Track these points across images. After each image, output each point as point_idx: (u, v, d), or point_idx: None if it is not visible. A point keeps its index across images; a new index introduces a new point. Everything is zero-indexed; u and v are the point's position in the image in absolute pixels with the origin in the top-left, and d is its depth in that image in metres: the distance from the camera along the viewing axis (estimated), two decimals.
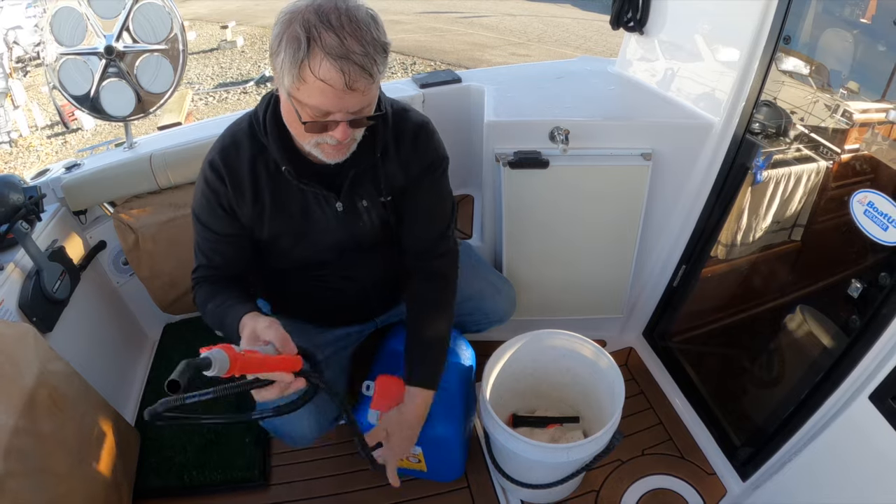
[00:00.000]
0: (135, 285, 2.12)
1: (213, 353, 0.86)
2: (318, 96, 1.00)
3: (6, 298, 1.54)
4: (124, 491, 1.58)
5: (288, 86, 1.02)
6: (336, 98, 1.01)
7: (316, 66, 0.97)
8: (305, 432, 1.39)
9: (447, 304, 1.42)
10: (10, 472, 1.16)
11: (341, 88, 0.99)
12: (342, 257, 1.35)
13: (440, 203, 1.39)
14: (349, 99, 1.02)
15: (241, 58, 11.80)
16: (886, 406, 1.04)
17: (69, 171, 1.91)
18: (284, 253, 1.31)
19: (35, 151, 8.10)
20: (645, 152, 1.68)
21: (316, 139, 1.10)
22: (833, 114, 1.42)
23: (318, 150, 1.13)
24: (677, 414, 1.84)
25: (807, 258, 1.68)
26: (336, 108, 1.03)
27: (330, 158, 1.15)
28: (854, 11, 1.39)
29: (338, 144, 1.10)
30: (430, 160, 1.33)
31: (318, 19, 0.96)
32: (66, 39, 1.84)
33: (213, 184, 1.22)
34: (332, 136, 1.08)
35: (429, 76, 2.21)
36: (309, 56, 0.96)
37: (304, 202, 1.25)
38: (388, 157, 1.28)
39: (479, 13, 14.06)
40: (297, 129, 1.09)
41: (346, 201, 1.26)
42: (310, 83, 0.99)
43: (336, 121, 1.05)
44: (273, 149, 1.18)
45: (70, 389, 1.48)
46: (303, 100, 1.02)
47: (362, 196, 1.28)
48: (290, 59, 0.98)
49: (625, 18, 1.89)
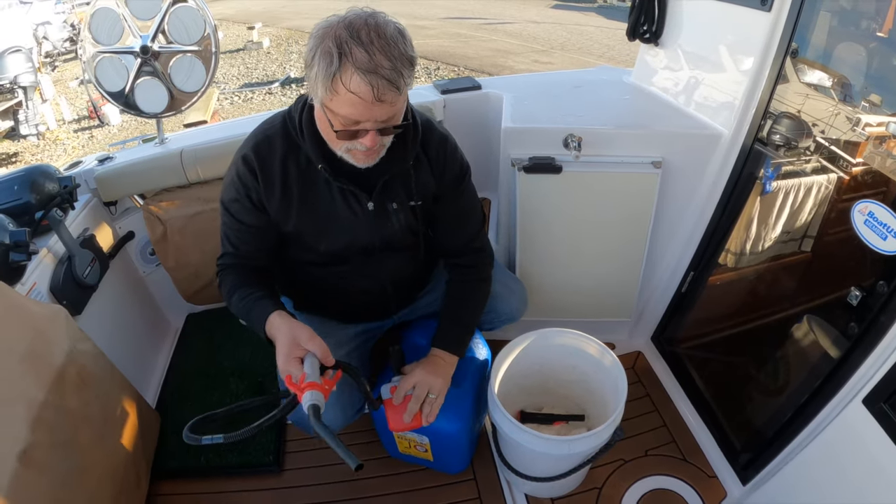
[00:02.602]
0: (160, 275, 2.21)
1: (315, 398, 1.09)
2: (349, 107, 1.09)
3: (38, 281, 1.61)
4: (143, 469, 1.66)
5: (321, 96, 1.11)
6: (365, 109, 1.09)
7: (347, 80, 1.05)
8: (331, 423, 1.44)
9: (481, 289, 1.55)
10: (38, 443, 1.23)
11: (370, 100, 1.07)
12: (367, 256, 1.42)
13: (472, 206, 1.52)
14: (377, 110, 1.10)
15: (266, 59, 11.97)
16: (878, 409, 1.08)
17: (102, 164, 2.00)
18: (309, 247, 1.38)
19: (62, 145, 8.29)
20: (655, 160, 1.72)
21: (346, 145, 1.19)
22: (844, 125, 1.45)
23: (349, 156, 1.22)
24: (681, 417, 1.87)
25: (816, 269, 1.70)
26: (365, 117, 1.11)
27: (361, 163, 1.23)
28: (870, 25, 1.41)
29: (367, 150, 1.19)
30: (458, 168, 1.44)
31: (348, 35, 1.04)
32: (104, 38, 1.93)
33: (245, 177, 1.29)
34: (362, 143, 1.16)
35: (450, 83, 2.27)
36: (341, 70, 1.05)
37: (334, 200, 1.32)
38: (420, 165, 1.37)
39: (502, 20, 14.13)
40: (330, 135, 1.19)
41: (377, 202, 1.34)
42: (341, 95, 1.07)
43: (366, 129, 1.13)
44: (308, 147, 1.26)
45: (97, 369, 1.56)
46: (335, 109, 1.11)
47: (392, 199, 1.36)
48: (323, 72, 1.06)
49: (641, 30, 1.94)
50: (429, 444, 1.59)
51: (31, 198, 1.66)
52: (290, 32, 13.94)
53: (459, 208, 1.48)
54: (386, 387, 1.42)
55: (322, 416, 1.42)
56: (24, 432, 1.20)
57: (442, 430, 1.51)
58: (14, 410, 1.21)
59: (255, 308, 1.27)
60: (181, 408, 1.94)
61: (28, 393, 1.26)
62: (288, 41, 13.22)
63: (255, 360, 2.10)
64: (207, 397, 1.96)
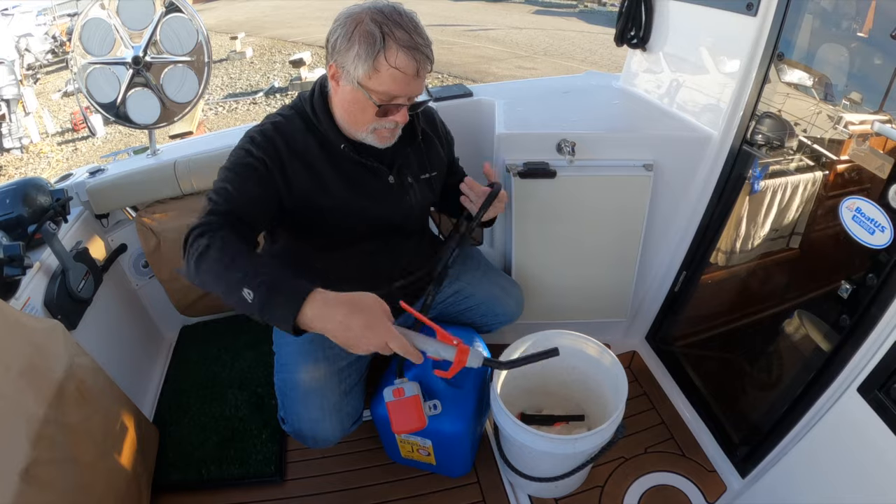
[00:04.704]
0: (153, 287, 2.20)
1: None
2: (390, 83, 1.18)
3: (33, 296, 1.60)
4: (144, 483, 1.64)
5: (360, 76, 1.18)
6: (405, 83, 1.19)
7: (392, 57, 1.14)
8: (328, 435, 1.45)
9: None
10: (39, 460, 1.21)
11: (412, 74, 1.18)
12: (384, 234, 1.47)
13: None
14: (415, 84, 1.21)
15: (250, 69, 11.95)
16: (873, 397, 1.11)
17: (93, 176, 1.99)
18: (336, 224, 1.39)
19: (46, 158, 8.22)
20: (647, 163, 1.75)
21: (374, 124, 1.26)
22: (828, 124, 1.49)
23: (373, 136, 1.29)
24: (678, 414, 1.90)
25: (804, 265, 1.74)
26: (404, 92, 1.21)
27: (383, 143, 1.32)
28: (851, 25, 1.45)
29: (394, 128, 1.28)
30: (451, 135, 1.64)
31: (385, 18, 1.15)
32: (95, 49, 1.93)
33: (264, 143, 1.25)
34: (394, 119, 1.25)
35: (442, 90, 2.29)
36: (385, 48, 1.14)
37: (356, 175, 1.36)
38: (428, 139, 1.51)
39: (485, 26, 14.23)
40: (360, 116, 1.25)
41: (396, 176, 1.41)
42: (382, 72, 1.16)
43: (399, 105, 1.23)
44: (327, 129, 1.31)
45: (96, 384, 1.54)
46: (374, 87, 1.19)
47: (408, 174, 1.46)
48: (364, 51, 1.14)
49: (628, 36, 1.98)
50: (431, 448, 1.59)
51: (23, 211, 1.65)
52: (273, 42, 13.93)
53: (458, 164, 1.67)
54: (388, 389, 1.43)
55: (318, 428, 1.44)
56: (26, 449, 1.19)
57: (444, 431, 1.52)
58: (15, 427, 1.20)
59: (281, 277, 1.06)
60: (179, 421, 1.92)
61: (28, 409, 1.24)
62: (271, 51, 13.21)
63: (252, 371, 2.09)
64: (206, 410, 1.95)
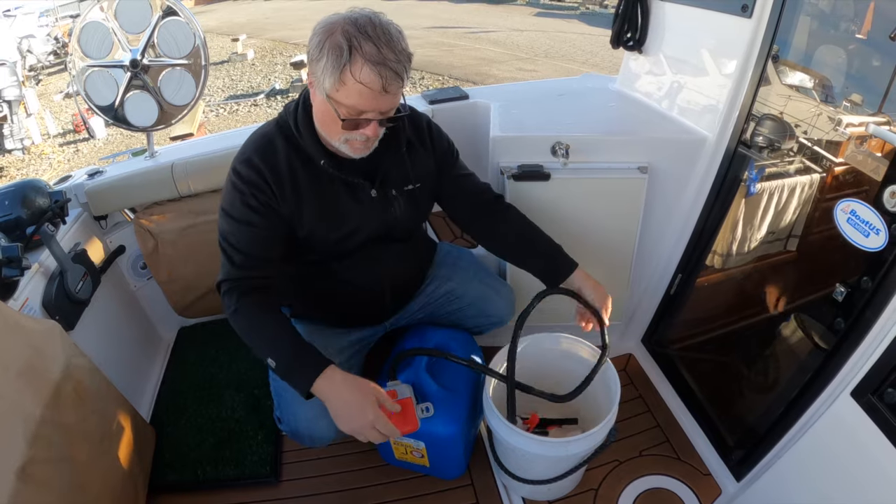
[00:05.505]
0: (151, 289, 2.20)
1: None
2: (356, 97, 1.15)
3: (31, 297, 1.61)
4: (140, 483, 1.65)
5: (328, 88, 1.15)
6: (372, 99, 1.16)
7: (357, 71, 1.11)
8: (324, 433, 1.45)
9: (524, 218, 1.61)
10: (36, 459, 1.22)
11: (378, 90, 1.13)
12: (371, 245, 1.46)
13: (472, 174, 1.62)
14: (383, 100, 1.17)
15: (251, 70, 11.98)
16: (866, 401, 1.11)
17: (92, 178, 2.00)
18: (320, 241, 1.40)
19: (47, 159, 8.24)
20: (642, 165, 1.75)
21: (346, 136, 1.23)
22: (826, 126, 1.49)
23: (346, 146, 1.26)
24: (674, 417, 1.89)
25: (801, 268, 1.74)
26: (370, 107, 1.18)
27: (357, 154, 1.29)
28: (849, 27, 1.45)
29: (366, 140, 1.25)
30: (446, 143, 1.56)
31: (356, 30, 1.11)
32: (94, 52, 1.94)
33: (252, 179, 1.29)
34: (364, 133, 1.22)
35: (438, 93, 2.30)
36: (351, 61, 1.11)
37: (340, 192, 1.36)
38: (413, 149, 1.46)
39: (486, 28, 14.25)
40: (332, 126, 1.23)
41: (379, 190, 1.40)
42: (349, 86, 1.13)
43: (368, 119, 1.19)
44: (308, 144, 1.30)
45: (93, 384, 1.55)
46: (341, 100, 1.16)
47: (391, 186, 1.43)
48: (332, 64, 1.12)
49: (624, 38, 1.98)
50: (425, 450, 1.59)
51: (22, 213, 1.66)
52: (274, 44, 13.96)
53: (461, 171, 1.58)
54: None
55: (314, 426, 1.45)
56: (23, 448, 1.19)
57: (438, 433, 1.52)
58: (12, 426, 1.20)
59: (296, 349, 1.27)
60: (176, 422, 1.93)
61: (26, 409, 1.25)
62: (272, 52, 13.24)
63: (249, 373, 2.09)
64: (202, 411, 1.96)
